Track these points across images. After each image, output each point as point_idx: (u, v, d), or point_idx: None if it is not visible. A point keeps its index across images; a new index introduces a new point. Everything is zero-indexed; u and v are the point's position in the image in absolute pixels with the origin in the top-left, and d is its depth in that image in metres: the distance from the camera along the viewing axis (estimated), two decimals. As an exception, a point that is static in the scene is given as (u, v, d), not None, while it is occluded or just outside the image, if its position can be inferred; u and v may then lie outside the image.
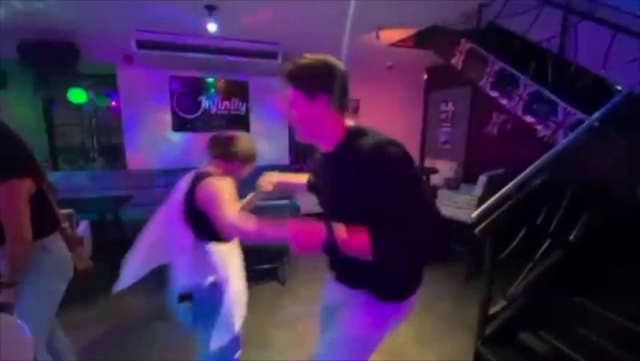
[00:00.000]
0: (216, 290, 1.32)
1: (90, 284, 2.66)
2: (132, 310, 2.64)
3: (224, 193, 1.22)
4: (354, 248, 0.88)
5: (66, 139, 4.51)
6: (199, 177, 1.29)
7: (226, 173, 1.37)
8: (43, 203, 1.33)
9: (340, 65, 0.99)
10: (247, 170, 1.48)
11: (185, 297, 1.30)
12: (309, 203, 1.64)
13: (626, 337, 1.67)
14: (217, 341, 1.29)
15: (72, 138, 4.56)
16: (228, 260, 1.39)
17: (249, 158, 1.46)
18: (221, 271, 1.34)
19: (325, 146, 1.03)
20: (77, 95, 4.12)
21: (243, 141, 1.45)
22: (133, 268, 1.40)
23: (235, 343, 1.42)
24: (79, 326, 2.29)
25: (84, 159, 4.66)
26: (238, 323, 1.39)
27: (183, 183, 1.36)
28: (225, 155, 1.40)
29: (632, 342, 1.64)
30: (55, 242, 1.38)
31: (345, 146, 0.98)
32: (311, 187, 1.34)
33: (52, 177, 3.94)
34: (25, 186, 1.22)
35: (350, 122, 1.03)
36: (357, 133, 0.97)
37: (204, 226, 1.24)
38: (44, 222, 1.33)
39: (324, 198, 1.14)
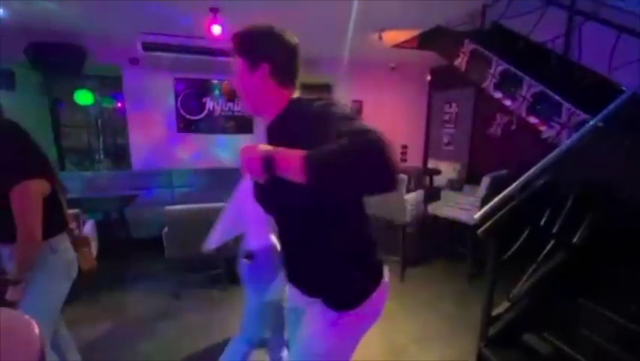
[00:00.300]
0: (272, 252, 1.39)
1: (95, 282, 2.70)
2: (136, 308, 2.67)
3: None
4: (288, 167, 0.73)
5: (73, 140, 4.58)
6: None
7: None
8: (54, 204, 1.35)
9: (290, 36, 0.94)
10: None
11: (248, 255, 1.44)
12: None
13: (629, 338, 1.66)
14: (272, 294, 1.39)
15: (78, 139, 4.62)
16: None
17: None
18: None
19: (269, 115, 0.96)
20: (84, 97, 4.19)
21: None
22: (218, 234, 1.47)
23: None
24: (82, 324, 2.32)
25: (90, 160, 4.72)
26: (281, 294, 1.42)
27: None
28: None
29: (635, 343, 1.63)
30: (62, 242, 1.40)
31: (283, 115, 0.92)
32: None
33: (60, 177, 4.00)
34: (39, 188, 1.24)
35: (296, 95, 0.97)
36: (295, 102, 0.93)
37: None
38: (53, 222, 1.35)
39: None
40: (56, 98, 4.25)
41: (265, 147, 0.77)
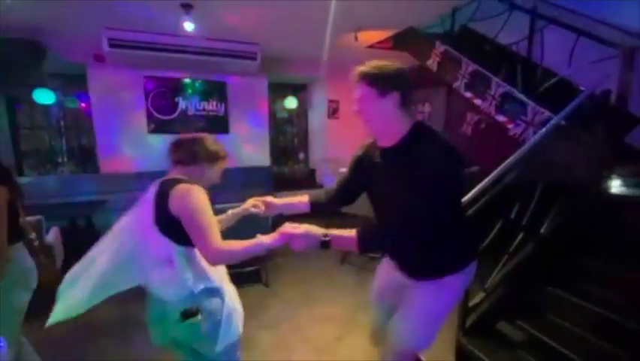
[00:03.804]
0: (219, 296, 1.21)
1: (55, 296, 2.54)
2: (107, 320, 2.53)
3: (201, 209, 1.10)
4: (343, 245, 1.11)
5: (32, 142, 4.29)
6: (168, 185, 1.15)
7: (192, 178, 1.21)
8: (10, 211, 1.29)
9: (403, 67, 1.15)
10: (215, 172, 1.31)
11: (190, 313, 1.14)
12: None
13: (595, 322, 1.78)
14: (221, 341, 1.19)
15: (39, 141, 4.34)
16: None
17: (214, 158, 1.28)
18: (213, 276, 1.21)
19: (391, 140, 1.16)
20: (44, 96, 3.93)
21: (206, 140, 1.28)
22: (85, 295, 1.21)
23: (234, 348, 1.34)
24: (46, 338, 2.17)
25: (52, 163, 4.43)
26: (240, 325, 1.32)
27: (149, 195, 1.20)
28: (187, 158, 1.23)
29: (601, 326, 1.75)
30: (18, 251, 1.34)
31: (408, 141, 1.14)
32: (315, 205, 1.47)
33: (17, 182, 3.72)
34: (3, 196, 1.19)
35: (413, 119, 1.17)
36: (419, 131, 1.14)
37: (184, 231, 1.11)
38: (11, 231, 1.28)
39: (381, 194, 1.26)
40: (13, 98, 3.96)
41: (317, 230, 1.09)
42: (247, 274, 3.03)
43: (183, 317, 1.14)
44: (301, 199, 1.48)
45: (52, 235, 2.53)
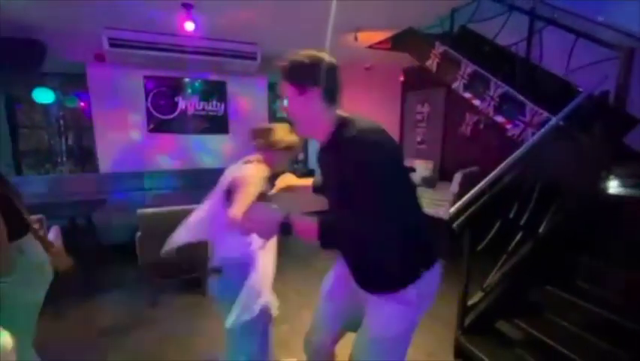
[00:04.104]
0: (244, 267, 1.38)
1: (61, 293, 2.54)
2: (107, 319, 2.53)
3: (250, 184, 1.33)
4: (306, 237, 0.98)
5: (31, 142, 4.28)
6: (241, 164, 1.47)
7: (267, 162, 1.51)
8: (7, 206, 1.27)
9: (328, 58, 1.05)
10: (283, 158, 1.57)
11: (215, 270, 1.41)
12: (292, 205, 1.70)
13: (594, 322, 1.79)
14: (232, 318, 1.33)
15: (38, 140, 4.33)
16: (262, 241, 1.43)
17: (290, 147, 1.54)
18: (250, 250, 1.40)
19: (320, 138, 1.09)
20: (44, 95, 3.92)
21: (282, 131, 1.53)
22: (180, 235, 1.47)
23: (261, 323, 1.47)
24: (48, 338, 2.17)
25: (51, 163, 4.43)
26: (258, 305, 1.40)
27: (231, 169, 1.48)
28: (268, 145, 1.50)
29: (598, 325, 1.76)
30: (31, 245, 1.34)
31: (334, 136, 1.05)
32: (316, 188, 1.46)
33: (16, 182, 3.72)
34: None
35: (339, 113, 1.08)
36: (343, 122, 1.04)
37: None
38: (12, 225, 1.27)
39: (327, 189, 1.23)
40: (12, 97, 3.96)
41: (279, 212, 0.98)
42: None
43: (209, 271, 1.42)
44: (308, 182, 1.54)
45: (53, 234, 2.53)
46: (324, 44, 3.69)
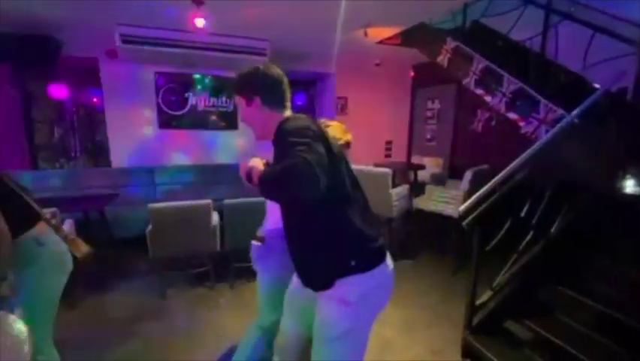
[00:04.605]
0: (281, 243, 1.33)
1: (74, 284, 2.60)
2: (118, 309, 2.59)
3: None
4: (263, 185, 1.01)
5: (46, 136, 4.38)
6: None
7: None
8: (11, 196, 1.30)
9: (273, 70, 1.17)
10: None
11: (257, 238, 1.51)
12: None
13: (605, 322, 1.76)
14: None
15: (53, 135, 4.42)
16: None
17: (346, 145, 1.58)
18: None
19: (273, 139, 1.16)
20: (58, 91, 4.00)
21: (338, 129, 1.58)
22: (270, 222, 1.53)
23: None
24: (60, 326, 2.23)
25: (66, 157, 4.53)
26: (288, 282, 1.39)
27: None
28: None
29: (611, 327, 1.73)
30: (49, 236, 1.37)
31: (276, 135, 1.11)
32: None
33: (32, 176, 3.82)
34: None
35: (287, 115, 1.17)
36: (282, 122, 1.11)
37: None
38: (22, 214, 1.31)
39: None
40: (28, 92, 4.05)
41: (252, 163, 1.05)
42: (250, 269, 3.06)
43: (253, 237, 1.52)
44: None
45: (67, 227, 2.59)
46: (333, 40, 3.68)
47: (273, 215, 1.45)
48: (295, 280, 1.30)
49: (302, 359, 1.31)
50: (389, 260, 1.17)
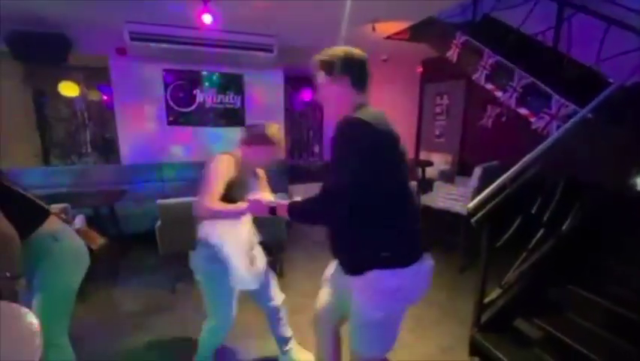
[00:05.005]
0: (208, 250, 1.56)
1: (84, 278, 2.65)
2: (128, 303, 2.64)
3: (215, 172, 1.49)
4: (282, 213, 1.24)
5: (58, 133, 4.45)
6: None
7: (244, 157, 1.61)
8: (12, 196, 1.29)
9: (360, 52, 1.23)
10: (264, 155, 1.63)
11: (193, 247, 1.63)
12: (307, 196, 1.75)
13: (618, 322, 1.73)
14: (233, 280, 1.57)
15: (64, 132, 4.49)
16: (229, 229, 1.55)
17: (263, 142, 1.60)
18: (214, 237, 1.55)
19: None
20: (69, 88, 4.06)
21: (263, 127, 1.61)
22: None
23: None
24: (72, 321, 2.28)
25: (77, 154, 4.60)
26: (245, 281, 1.59)
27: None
28: (242, 140, 1.63)
29: (622, 326, 1.69)
30: (65, 231, 1.39)
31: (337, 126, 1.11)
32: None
33: (44, 172, 3.89)
34: None
35: (363, 102, 1.19)
36: (355, 109, 1.13)
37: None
38: (30, 212, 1.32)
39: None
40: (40, 90, 4.12)
41: (268, 200, 1.31)
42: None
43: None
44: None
45: (79, 222, 2.64)
46: (340, 36, 3.64)
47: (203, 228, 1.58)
48: (331, 272, 1.44)
49: (335, 332, 1.47)
50: (428, 257, 1.23)
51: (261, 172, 1.78)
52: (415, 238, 1.20)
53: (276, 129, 1.63)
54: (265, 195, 1.41)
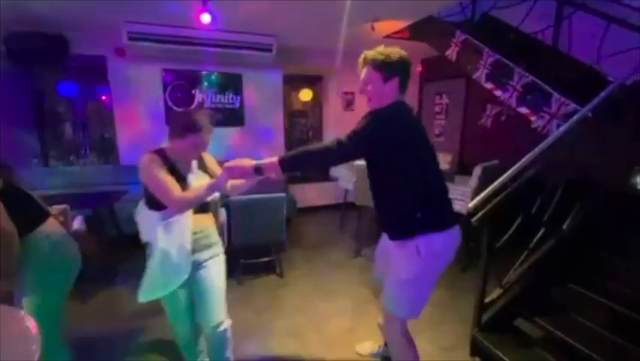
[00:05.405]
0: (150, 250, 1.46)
1: (84, 279, 2.64)
2: (129, 305, 2.63)
3: (154, 174, 1.38)
4: (270, 169, 1.32)
5: (57, 134, 4.43)
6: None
7: (172, 150, 1.49)
8: (18, 196, 1.31)
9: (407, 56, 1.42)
10: (190, 145, 1.45)
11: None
12: (306, 197, 1.77)
13: (619, 321, 1.72)
14: (141, 294, 1.45)
15: (63, 133, 4.48)
16: (167, 228, 1.40)
17: (184, 131, 1.43)
18: (150, 236, 1.45)
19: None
20: (67, 89, 4.05)
21: (188, 115, 1.48)
22: None
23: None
24: (71, 322, 2.27)
25: (75, 155, 4.58)
26: (161, 289, 1.47)
27: None
28: (169, 132, 1.49)
29: (625, 326, 1.69)
30: (59, 232, 1.39)
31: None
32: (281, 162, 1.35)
33: (43, 173, 3.88)
34: None
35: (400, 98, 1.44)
36: (391, 104, 1.39)
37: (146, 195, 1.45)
38: (30, 213, 1.33)
39: None
40: (39, 90, 4.10)
41: (251, 162, 1.34)
42: (261, 264, 3.08)
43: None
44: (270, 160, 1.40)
45: (78, 223, 2.64)
46: (339, 35, 3.64)
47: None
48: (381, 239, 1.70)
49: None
50: (457, 225, 1.44)
51: (207, 157, 1.63)
52: (448, 204, 1.45)
53: (202, 115, 1.46)
54: (232, 161, 1.36)
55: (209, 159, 1.65)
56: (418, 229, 1.34)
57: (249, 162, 1.32)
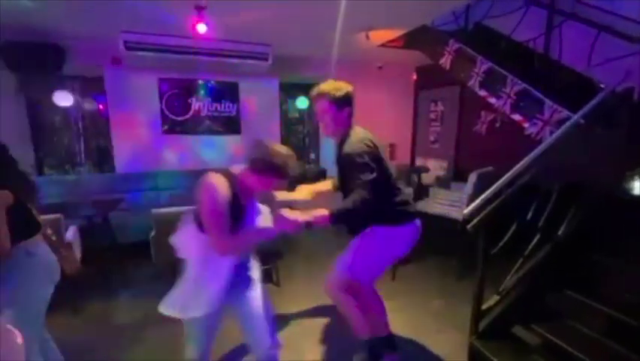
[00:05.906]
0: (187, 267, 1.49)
1: (78, 289, 2.61)
2: (123, 315, 2.59)
3: (215, 202, 1.24)
4: (321, 223, 1.46)
5: (52, 143, 4.42)
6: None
7: (245, 180, 1.34)
8: (18, 208, 1.29)
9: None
10: (271, 186, 1.38)
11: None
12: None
13: (616, 327, 1.72)
14: (164, 306, 1.52)
15: (58, 141, 4.46)
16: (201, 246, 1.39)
17: (275, 175, 1.31)
18: (187, 253, 1.50)
19: (337, 139, 1.76)
20: (63, 98, 4.04)
21: (278, 156, 1.30)
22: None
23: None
24: (65, 332, 2.23)
25: (71, 163, 4.56)
26: (192, 310, 1.48)
27: None
28: (251, 165, 1.32)
29: (622, 333, 1.68)
30: (39, 246, 1.37)
31: (345, 138, 1.69)
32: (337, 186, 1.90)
33: (38, 182, 3.84)
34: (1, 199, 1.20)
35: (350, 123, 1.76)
36: (349, 133, 1.71)
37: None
38: (21, 226, 1.31)
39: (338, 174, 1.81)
40: (34, 100, 4.09)
41: (300, 216, 1.41)
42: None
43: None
44: (326, 185, 1.98)
45: (71, 234, 2.60)
46: (335, 44, 3.68)
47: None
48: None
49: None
50: (417, 220, 1.78)
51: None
52: (401, 207, 1.73)
53: (292, 160, 1.34)
54: (284, 211, 1.39)
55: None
56: (384, 221, 1.69)
57: (298, 215, 1.40)
